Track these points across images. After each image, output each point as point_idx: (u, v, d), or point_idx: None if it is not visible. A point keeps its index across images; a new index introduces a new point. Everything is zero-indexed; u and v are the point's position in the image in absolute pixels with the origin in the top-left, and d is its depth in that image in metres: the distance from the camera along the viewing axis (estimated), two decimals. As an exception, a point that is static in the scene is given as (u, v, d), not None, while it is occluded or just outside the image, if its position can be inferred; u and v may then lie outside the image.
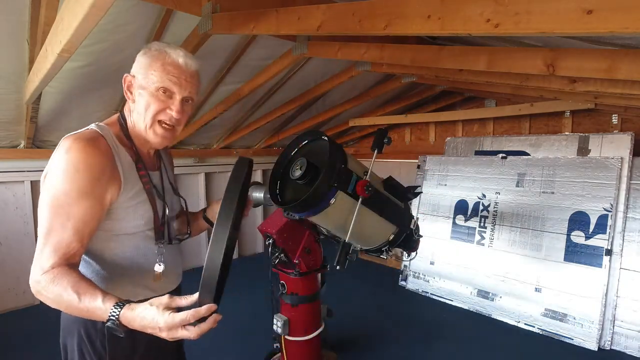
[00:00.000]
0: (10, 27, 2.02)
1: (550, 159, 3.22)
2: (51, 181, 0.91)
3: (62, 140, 0.96)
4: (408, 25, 1.34)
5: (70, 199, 0.89)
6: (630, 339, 2.67)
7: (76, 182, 0.90)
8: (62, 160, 0.91)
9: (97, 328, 0.99)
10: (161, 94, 1.03)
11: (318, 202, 1.50)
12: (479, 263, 3.39)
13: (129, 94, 1.06)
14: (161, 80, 1.01)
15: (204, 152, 4.55)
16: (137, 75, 1.03)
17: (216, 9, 2.00)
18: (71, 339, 1.02)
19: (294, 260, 1.98)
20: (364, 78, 3.62)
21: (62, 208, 0.89)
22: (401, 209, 1.85)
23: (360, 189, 1.50)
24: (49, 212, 0.89)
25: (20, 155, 3.28)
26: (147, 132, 1.06)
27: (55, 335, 1.12)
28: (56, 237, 0.88)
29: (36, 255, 0.88)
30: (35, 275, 0.87)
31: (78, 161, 0.91)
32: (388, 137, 1.59)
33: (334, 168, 1.47)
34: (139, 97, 1.04)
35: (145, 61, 1.03)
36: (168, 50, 1.03)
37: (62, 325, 1.06)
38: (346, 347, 2.70)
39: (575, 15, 1.02)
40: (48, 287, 0.85)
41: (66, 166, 0.90)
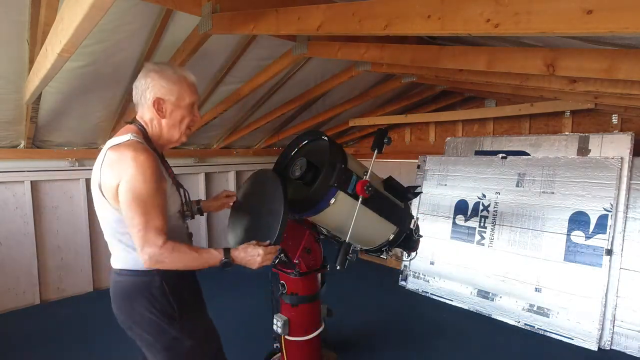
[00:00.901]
0: (10, 27, 2.02)
1: (550, 159, 3.22)
2: (132, 184, 1.16)
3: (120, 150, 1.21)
4: (408, 25, 1.34)
5: (152, 194, 1.18)
6: (630, 339, 2.66)
7: (152, 181, 1.18)
8: (134, 167, 1.17)
9: (156, 286, 1.29)
10: (190, 108, 1.36)
11: (318, 202, 1.50)
12: (479, 263, 3.39)
13: (160, 112, 1.32)
14: (190, 98, 1.34)
15: (204, 152, 4.55)
16: (169, 98, 1.31)
17: (216, 9, 1.99)
18: (136, 302, 1.29)
19: (294, 260, 1.98)
20: (364, 78, 3.62)
21: (149, 201, 1.17)
22: (401, 209, 1.84)
23: (360, 188, 1.50)
24: (142, 206, 1.16)
25: (20, 155, 3.28)
26: (181, 137, 1.39)
27: (55, 335, 1.14)
28: (155, 222, 1.17)
29: (140, 239, 1.16)
30: (153, 252, 1.16)
31: (147, 166, 1.18)
32: (388, 137, 1.59)
33: (334, 168, 1.47)
34: (173, 114, 1.33)
35: (172, 86, 1.31)
36: (184, 73, 1.34)
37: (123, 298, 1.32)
38: (346, 347, 2.70)
39: (575, 15, 1.02)
40: (171, 255, 1.19)
41: (141, 171, 1.17)
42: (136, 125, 1.33)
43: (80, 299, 3.59)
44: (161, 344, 1.31)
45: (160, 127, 1.35)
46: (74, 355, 2.61)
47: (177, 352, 1.32)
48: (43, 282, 3.49)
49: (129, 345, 1.35)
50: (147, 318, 1.29)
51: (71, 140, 3.48)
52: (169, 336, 1.30)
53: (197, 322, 1.40)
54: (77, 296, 3.64)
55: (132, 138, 1.25)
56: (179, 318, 1.31)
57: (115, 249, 1.32)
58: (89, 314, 3.23)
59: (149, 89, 1.30)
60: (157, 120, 1.34)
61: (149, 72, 1.31)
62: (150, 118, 1.34)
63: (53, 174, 3.48)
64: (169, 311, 1.30)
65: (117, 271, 1.33)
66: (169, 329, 1.30)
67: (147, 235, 1.16)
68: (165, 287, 1.29)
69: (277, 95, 3.74)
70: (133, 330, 1.34)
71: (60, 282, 3.61)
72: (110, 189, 1.20)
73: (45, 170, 3.42)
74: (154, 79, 1.30)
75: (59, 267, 3.60)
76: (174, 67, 1.34)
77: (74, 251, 3.66)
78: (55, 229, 3.57)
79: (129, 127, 1.32)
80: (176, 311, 1.31)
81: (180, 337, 1.31)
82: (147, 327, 1.30)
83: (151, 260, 1.17)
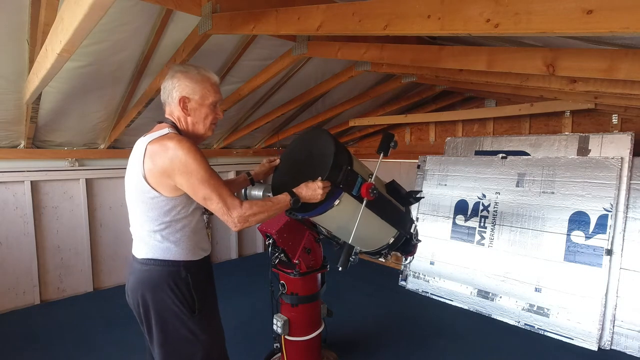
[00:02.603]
0: (10, 27, 2.02)
1: (550, 159, 3.22)
2: (190, 168, 1.25)
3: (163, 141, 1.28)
4: (408, 25, 1.34)
5: (209, 171, 1.29)
6: (630, 339, 2.66)
7: (203, 161, 1.28)
8: (185, 153, 1.25)
9: (181, 277, 1.36)
10: (213, 106, 1.45)
11: (323, 203, 1.50)
12: (479, 263, 3.39)
13: (185, 110, 1.41)
14: (213, 97, 1.43)
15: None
16: (193, 96, 1.40)
17: (216, 9, 1.99)
18: (159, 291, 1.35)
19: (294, 260, 1.99)
20: (364, 78, 3.62)
21: (211, 176, 1.28)
22: (402, 213, 1.84)
23: (365, 191, 1.51)
24: (208, 183, 1.27)
25: (20, 155, 3.28)
26: (206, 132, 1.47)
27: (55, 335, 1.14)
28: (225, 191, 1.29)
29: (222, 208, 1.28)
30: (239, 213, 1.29)
31: (194, 150, 1.27)
32: (394, 141, 1.60)
33: (340, 169, 1.48)
34: (197, 112, 1.42)
35: (195, 85, 1.39)
36: (207, 74, 1.43)
37: (146, 287, 1.36)
38: (346, 346, 2.70)
39: (575, 15, 1.02)
40: (252, 210, 1.31)
41: (192, 155, 1.25)
42: (167, 123, 1.42)
43: (80, 299, 3.59)
44: (178, 337, 1.36)
45: (186, 124, 1.44)
46: (74, 355, 2.61)
47: (191, 345, 1.37)
48: (43, 282, 3.49)
49: (128, 345, 1.35)
50: (170, 308, 1.35)
51: (71, 140, 3.48)
52: (187, 328, 1.36)
53: (211, 316, 1.46)
54: (77, 296, 3.64)
55: (170, 131, 1.35)
56: (198, 311, 1.38)
57: (146, 239, 1.37)
58: (89, 314, 3.23)
59: (175, 89, 1.39)
60: (184, 117, 1.43)
61: (176, 72, 1.40)
62: (178, 116, 1.43)
63: (53, 174, 3.48)
64: (190, 303, 1.36)
65: (142, 260, 1.38)
66: (188, 320, 1.36)
67: (227, 202, 1.28)
68: (189, 280, 1.37)
69: (277, 95, 3.74)
70: (150, 320, 1.37)
71: (60, 282, 3.61)
72: (158, 176, 1.28)
73: (45, 170, 3.42)
74: (180, 79, 1.39)
75: (59, 267, 3.60)
76: (199, 68, 1.42)
77: (74, 251, 3.66)
78: (55, 229, 3.57)
79: (163, 125, 1.41)
80: (197, 304, 1.37)
81: (196, 330, 1.38)
82: (169, 317, 1.36)
83: (240, 222, 1.29)
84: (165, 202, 1.31)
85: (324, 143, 1.56)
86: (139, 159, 1.31)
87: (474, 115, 4.07)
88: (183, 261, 1.36)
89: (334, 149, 1.48)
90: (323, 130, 1.67)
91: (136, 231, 1.41)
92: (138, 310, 1.40)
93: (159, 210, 1.32)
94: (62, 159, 3.54)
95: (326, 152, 1.52)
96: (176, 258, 1.35)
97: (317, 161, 1.56)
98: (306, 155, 1.68)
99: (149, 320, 1.37)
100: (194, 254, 1.40)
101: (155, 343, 1.38)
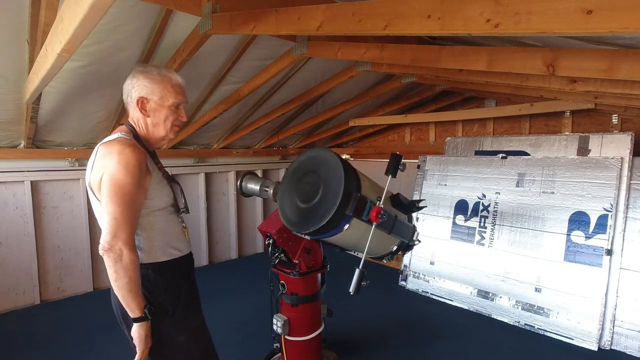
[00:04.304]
0: (10, 27, 2.02)
1: (550, 159, 3.22)
2: (114, 174, 1.19)
3: (108, 146, 1.24)
4: (408, 25, 1.34)
5: (130, 188, 1.20)
6: (630, 339, 2.66)
7: (133, 174, 1.21)
8: (118, 159, 1.20)
9: (150, 280, 1.30)
10: (174, 107, 1.39)
11: (332, 229, 1.52)
12: (479, 263, 3.39)
13: (143, 111, 1.36)
14: (173, 98, 1.37)
15: (204, 152, 4.55)
16: (152, 97, 1.35)
17: (216, 9, 2.00)
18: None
19: (294, 261, 1.99)
20: (364, 78, 3.62)
21: (129, 193, 1.20)
22: (407, 226, 1.85)
23: (375, 216, 1.52)
24: (121, 197, 1.19)
25: (20, 155, 3.28)
26: (167, 135, 1.42)
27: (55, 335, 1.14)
28: (130, 217, 1.21)
29: (113, 227, 1.17)
30: (122, 246, 1.17)
31: (130, 158, 1.21)
32: (403, 164, 1.60)
33: (350, 197, 1.48)
34: (157, 113, 1.37)
35: (154, 85, 1.35)
36: (168, 74, 1.38)
37: None
38: (346, 346, 2.70)
39: (575, 15, 1.02)
40: (128, 261, 1.18)
41: (124, 163, 1.19)
42: (126, 126, 1.40)
43: (80, 299, 3.59)
44: (154, 341, 1.31)
45: (146, 126, 1.40)
46: (74, 355, 2.61)
47: (169, 348, 1.35)
48: (43, 282, 3.49)
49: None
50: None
51: (71, 140, 3.48)
52: (162, 332, 1.32)
53: (190, 318, 1.42)
54: (77, 296, 3.64)
55: (121, 136, 1.31)
56: (172, 314, 1.34)
57: None
58: (89, 314, 3.23)
59: (134, 89, 1.35)
60: (143, 119, 1.39)
61: (136, 73, 1.36)
62: (138, 118, 1.39)
63: (53, 174, 3.47)
64: (164, 306, 1.33)
65: None
66: (162, 325, 1.32)
67: (122, 227, 1.18)
68: (159, 282, 1.32)
69: (277, 95, 3.74)
70: (128, 326, 1.33)
71: (60, 282, 3.61)
72: (96, 181, 1.23)
73: (45, 170, 3.42)
74: (139, 79, 1.35)
75: (59, 267, 3.60)
76: (160, 68, 1.38)
77: (74, 251, 3.66)
78: (55, 229, 3.57)
79: (119, 127, 1.39)
80: (170, 306, 1.34)
81: (172, 334, 1.34)
82: None
83: (114, 253, 1.17)
84: None
85: (333, 169, 1.54)
86: (90, 162, 1.30)
87: (474, 115, 4.07)
88: (151, 263, 1.31)
89: (343, 178, 1.47)
90: (330, 152, 1.63)
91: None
92: (117, 315, 1.38)
93: None
94: (62, 159, 3.54)
95: (335, 181, 1.51)
96: (142, 261, 1.29)
97: (326, 189, 1.55)
98: (314, 178, 1.65)
99: (128, 325, 1.32)
100: (164, 255, 1.35)
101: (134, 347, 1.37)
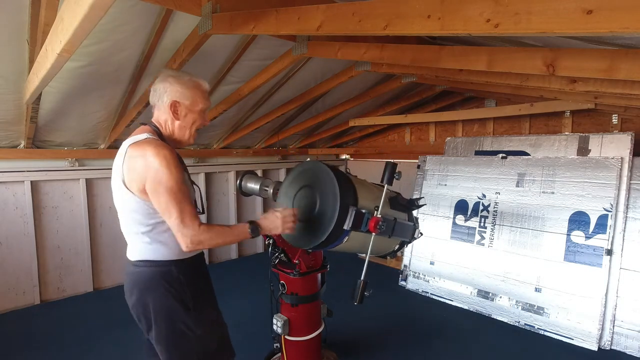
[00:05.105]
0: (10, 27, 2.02)
1: (550, 159, 3.22)
2: (160, 177, 1.25)
3: (140, 148, 1.29)
4: (408, 25, 1.34)
5: (180, 184, 1.28)
6: (630, 339, 2.66)
7: (177, 173, 1.28)
8: (159, 162, 1.26)
9: (173, 276, 1.38)
10: (202, 113, 1.50)
11: (331, 244, 1.54)
12: (479, 263, 3.39)
13: (175, 114, 1.43)
14: (202, 104, 1.48)
15: (204, 152, 4.55)
16: (184, 102, 1.43)
17: (216, 9, 1.99)
18: (154, 291, 1.37)
19: (294, 261, 1.98)
20: (364, 78, 3.62)
21: (179, 190, 1.27)
22: (407, 226, 1.85)
23: (373, 226, 1.52)
24: (174, 196, 1.26)
25: (20, 155, 3.28)
26: (189, 138, 1.50)
27: (55, 335, 1.14)
28: (188, 208, 1.28)
29: (179, 225, 1.25)
30: (193, 234, 1.26)
31: (170, 159, 1.28)
32: (398, 172, 1.62)
33: (347, 212, 1.48)
34: (186, 117, 1.46)
35: (186, 91, 1.43)
36: (199, 81, 1.48)
37: (141, 288, 1.39)
38: (346, 346, 2.70)
39: (575, 15, 1.02)
40: (209, 234, 1.29)
41: (165, 164, 1.26)
42: (150, 126, 1.44)
43: (80, 299, 3.59)
44: (175, 332, 1.38)
45: (173, 128, 1.46)
46: (74, 355, 2.61)
47: (188, 339, 1.40)
48: (43, 282, 3.49)
49: (128, 345, 1.35)
50: (166, 306, 1.37)
51: (71, 140, 3.48)
52: (183, 325, 1.39)
53: (207, 312, 1.48)
54: (77, 296, 3.64)
55: (150, 137, 1.36)
56: (193, 308, 1.40)
57: (135, 241, 1.39)
58: (89, 314, 3.23)
59: (166, 93, 1.41)
60: (172, 121, 1.45)
61: (167, 77, 1.42)
62: (165, 119, 1.45)
63: (53, 174, 3.47)
64: (185, 301, 1.39)
65: (134, 262, 1.40)
66: (183, 317, 1.39)
67: (184, 220, 1.26)
68: (181, 278, 1.38)
69: (277, 95, 3.74)
70: (148, 319, 1.40)
71: (60, 282, 3.61)
72: (136, 182, 1.29)
73: (45, 170, 3.42)
74: (172, 83, 1.41)
75: (59, 267, 3.60)
76: (190, 74, 1.46)
77: (74, 251, 3.66)
78: (55, 229, 3.57)
79: (144, 128, 1.42)
80: (191, 301, 1.40)
81: (192, 326, 1.40)
82: (164, 315, 1.38)
83: (192, 243, 1.26)
84: (147, 205, 1.31)
85: (327, 184, 1.55)
86: (119, 161, 1.33)
87: (474, 115, 4.08)
88: (174, 260, 1.37)
89: (339, 196, 1.47)
90: (323, 166, 1.62)
91: (126, 234, 1.43)
92: (136, 310, 1.42)
93: (142, 213, 1.33)
94: (62, 159, 3.54)
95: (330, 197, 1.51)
96: (166, 258, 1.36)
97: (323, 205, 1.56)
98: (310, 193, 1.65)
99: (149, 319, 1.39)
100: (184, 253, 1.39)
101: (155, 340, 1.41)
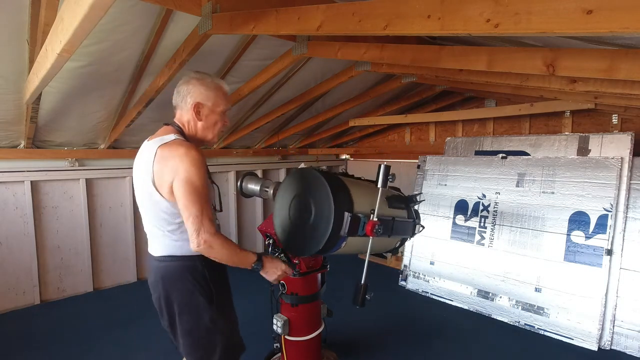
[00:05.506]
0: (10, 27, 2.02)
1: (550, 159, 3.22)
2: (189, 177, 1.29)
3: (171, 149, 1.33)
4: (408, 25, 1.34)
5: (204, 186, 1.32)
6: (630, 339, 2.66)
7: (204, 175, 1.33)
8: (189, 162, 1.30)
9: (198, 270, 1.43)
10: (223, 114, 1.53)
11: (329, 250, 1.54)
12: (479, 263, 3.39)
13: (197, 115, 1.47)
14: (224, 105, 1.52)
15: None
16: (207, 103, 1.47)
17: (216, 9, 1.99)
18: (180, 284, 1.43)
19: (294, 261, 1.98)
20: (364, 78, 3.62)
21: (203, 192, 1.32)
22: (407, 224, 1.84)
23: (370, 230, 1.52)
24: (197, 197, 1.30)
25: (20, 155, 3.28)
26: (213, 138, 1.56)
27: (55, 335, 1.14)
28: (208, 212, 1.32)
29: (197, 223, 1.28)
30: (207, 237, 1.29)
31: (198, 161, 1.32)
32: (392, 175, 1.62)
33: (342, 219, 1.48)
34: (209, 117, 1.50)
35: (209, 93, 1.47)
36: (220, 83, 1.52)
37: (166, 282, 1.44)
38: (346, 346, 2.70)
39: (575, 15, 1.02)
40: (221, 244, 1.33)
41: (195, 165, 1.31)
42: (173, 126, 1.48)
43: (80, 299, 3.59)
44: (200, 324, 1.44)
45: (196, 129, 1.50)
46: (74, 355, 2.61)
47: (211, 332, 1.47)
48: (43, 282, 3.49)
49: (128, 345, 1.35)
50: (190, 299, 1.43)
51: (71, 140, 3.48)
52: (208, 317, 1.45)
53: (227, 306, 1.57)
54: (77, 296, 3.64)
55: (178, 137, 1.41)
56: (215, 302, 1.47)
57: (160, 238, 1.44)
58: (89, 314, 3.23)
59: (190, 94, 1.45)
60: (194, 122, 1.49)
61: (191, 79, 1.46)
62: (188, 120, 1.49)
63: (53, 174, 3.47)
64: (209, 294, 1.45)
65: (159, 258, 1.45)
66: (207, 310, 1.45)
67: (203, 222, 1.29)
68: (206, 273, 1.45)
69: (277, 95, 3.74)
70: (174, 313, 1.45)
71: (60, 282, 3.60)
72: (165, 182, 1.33)
73: (45, 170, 3.42)
74: (195, 85, 1.45)
75: (59, 267, 3.60)
76: (212, 77, 1.50)
77: (74, 251, 3.66)
78: (55, 229, 3.57)
79: (169, 128, 1.47)
80: (214, 295, 1.46)
81: (215, 319, 1.47)
82: (191, 307, 1.44)
83: (205, 245, 1.30)
84: (174, 205, 1.35)
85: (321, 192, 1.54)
86: (148, 162, 1.36)
87: (474, 115, 4.07)
88: (198, 256, 1.40)
89: (333, 204, 1.47)
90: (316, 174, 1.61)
91: (150, 231, 1.47)
92: (160, 304, 1.48)
93: (169, 213, 1.37)
94: (62, 159, 3.53)
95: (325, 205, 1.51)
96: (191, 253, 1.38)
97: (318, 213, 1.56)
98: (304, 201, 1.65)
99: (172, 313, 1.45)
100: None
101: (179, 333, 1.47)
